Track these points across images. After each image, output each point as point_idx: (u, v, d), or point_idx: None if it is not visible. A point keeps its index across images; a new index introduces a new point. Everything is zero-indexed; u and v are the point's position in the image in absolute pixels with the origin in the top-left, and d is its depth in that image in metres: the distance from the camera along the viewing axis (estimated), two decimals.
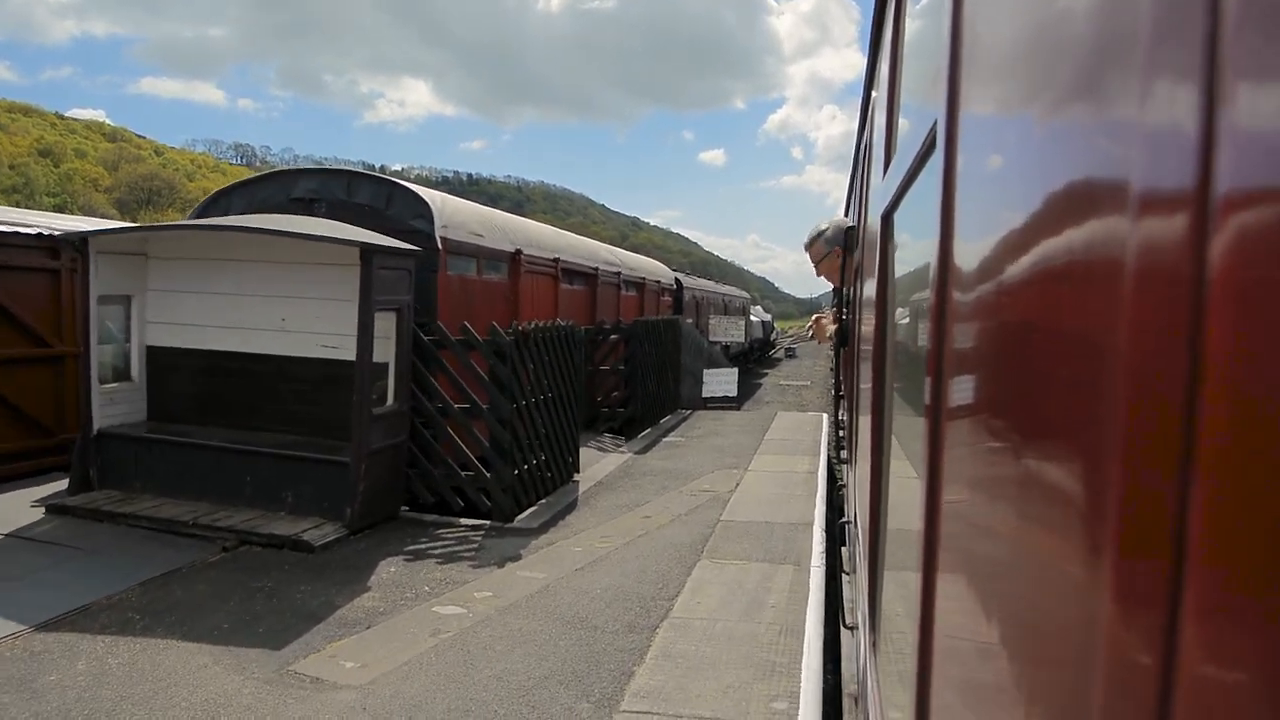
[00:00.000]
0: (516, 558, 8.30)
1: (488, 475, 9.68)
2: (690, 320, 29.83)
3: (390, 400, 9.46)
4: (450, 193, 18.68)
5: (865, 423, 3.12)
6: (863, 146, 5.43)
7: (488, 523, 9.60)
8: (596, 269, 17.70)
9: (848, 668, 5.51)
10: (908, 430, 1.83)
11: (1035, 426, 0.73)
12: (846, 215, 8.33)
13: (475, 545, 8.74)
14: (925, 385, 1.27)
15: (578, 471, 12.05)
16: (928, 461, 1.20)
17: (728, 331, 29.62)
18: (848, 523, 5.60)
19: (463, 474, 9.75)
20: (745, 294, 50.78)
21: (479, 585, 7.46)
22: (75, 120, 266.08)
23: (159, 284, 10.68)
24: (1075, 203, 0.62)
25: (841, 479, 10.02)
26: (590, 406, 15.95)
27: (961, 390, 1.05)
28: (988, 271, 0.89)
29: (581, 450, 13.58)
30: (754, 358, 50.90)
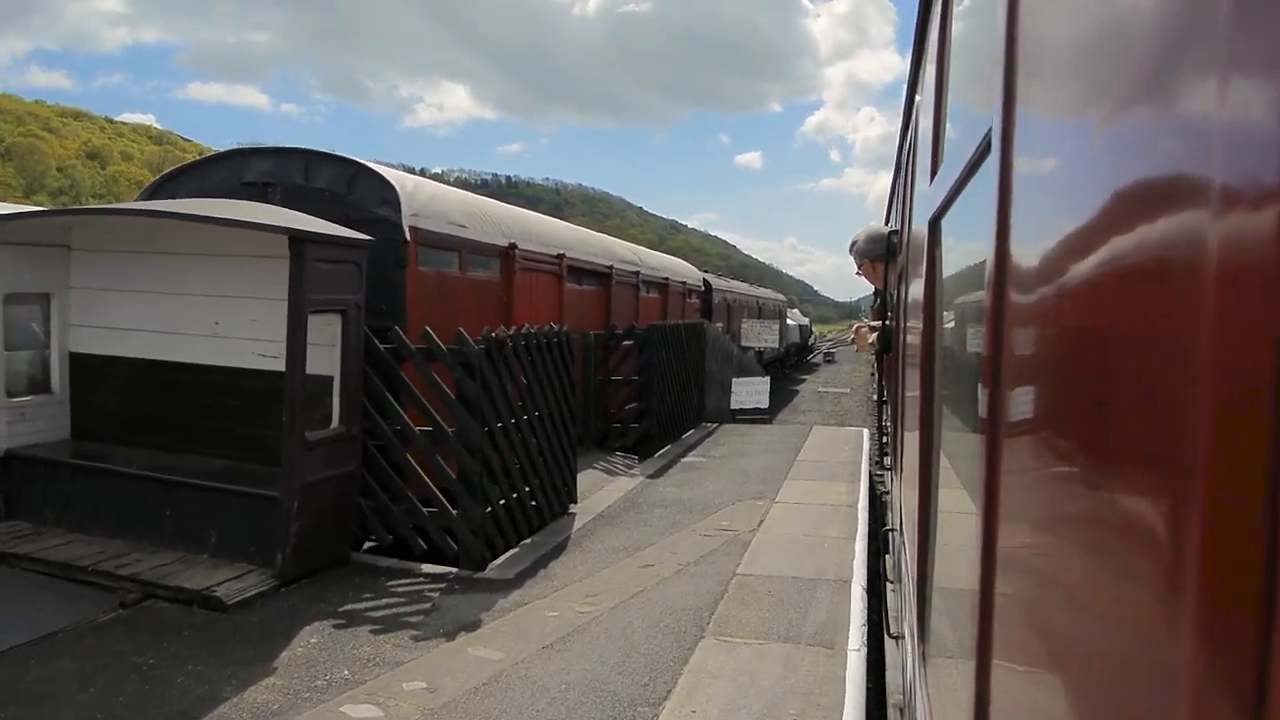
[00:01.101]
0: (474, 625, 6.59)
1: (453, 513, 7.99)
2: (720, 324, 28.02)
3: (335, 422, 7.80)
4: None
5: (912, 430, 3.06)
6: (906, 151, 5.23)
7: (454, 570, 7.91)
8: (611, 267, 15.97)
9: (892, 677, 5.13)
10: (959, 438, 1.80)
11: (1103, 436, 0.71)
12: (888, 220, 8.19)
13: (428, 605, 7.03)
14: (979, 392, 1.27)
15: (574, 502, 10.32)
16: (984, 471, 1.15)
17: (760, 336, 27.71)
18: (892, 531, 5.43)
19: (425, 511, 8.06)
20: (781, 296, 48.77)
21: (412, 670, 5.74)
22: (124, 124, 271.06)
23: (83, 280, 9.15)
24: (1148, 203, 0.60)
25: (884, 487, 9.29)
26: (601, 422, 14.24)
27: (1020, 397, 1.02)
28: (1051, 277, 0.86)
29: (585, 473, 11.89)
30: (790, 363, 48.89)
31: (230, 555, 7.58)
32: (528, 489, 9.01)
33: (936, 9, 2.67)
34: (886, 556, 6.43)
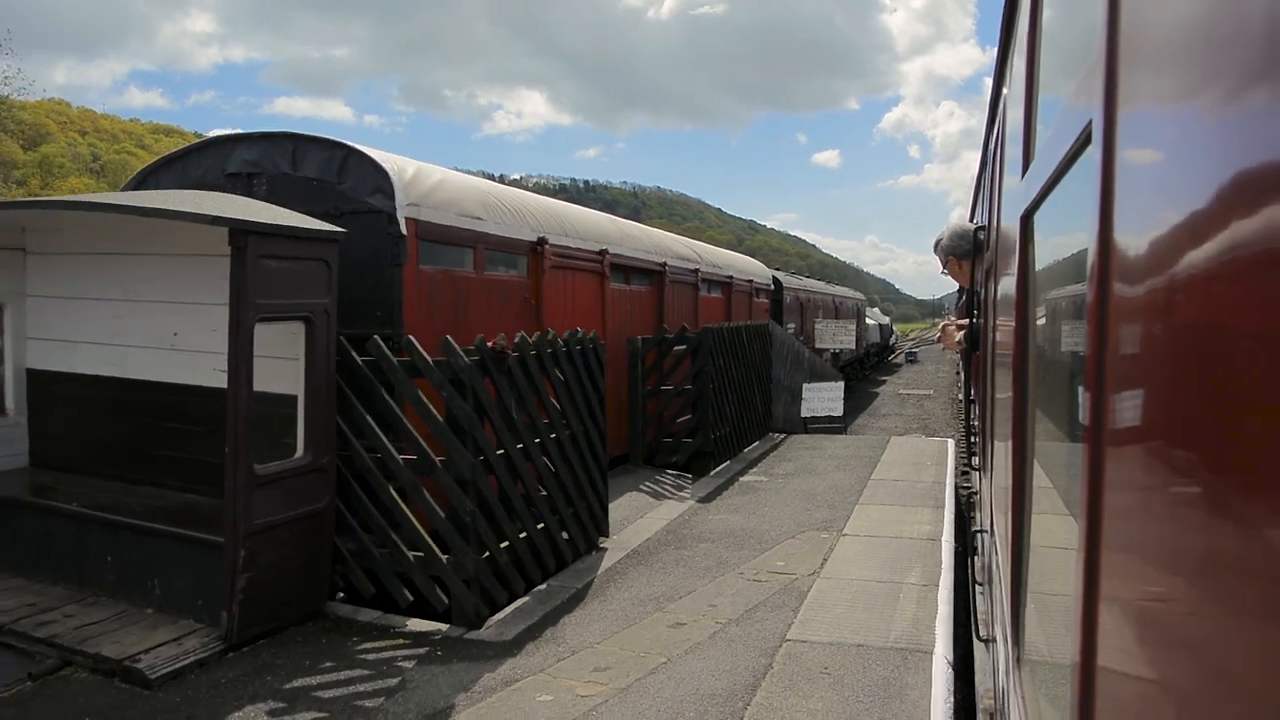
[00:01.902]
0: (444, 713, 5.18)
1: (443, 560, 6.61)
2: (792, 326, 26.27)
3: (300, 450, 6.49)
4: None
5: (1003, 429, 3.02)
6: (992, 146, 5.14)
7: (443, 629, 6.53)
8: (664, 265, 14.46)
9: (981, 681, 4.93)
10: (1054, 438, 1.81)
11: (1215, 438, 0.68)
12: (973, 217, 7.91)
13: (396, 680, 5.65)
14: (1080, 391, 1.24)
15: (605, 535, 8.86)
16: (1088, 474, 1.11)
17: (836, 338, 25.85)
18: (982, 532, 5.35)
19: (411, 556, 6.71)
20: (860, 295, 46.50)
21: None
22: None
23: (41, 288, 8.08)
24: (1265, 192, 0.56)
25: (972, 486, 8.88)
26: (650, 437, 12.75)
27: (1126, 397, 0.99)
28: (1159, 271, 0.83)
29: (626, 497, 10.45)
30: (871, 364, 46.62)
31: (175, 611, 6.36)
32: (542, 526, 7.58)
33: (1024, 1, 2.65)
34: (975, 558, 6.28)
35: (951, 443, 15.10)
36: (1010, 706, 2.44)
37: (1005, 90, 3.83)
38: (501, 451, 7.00)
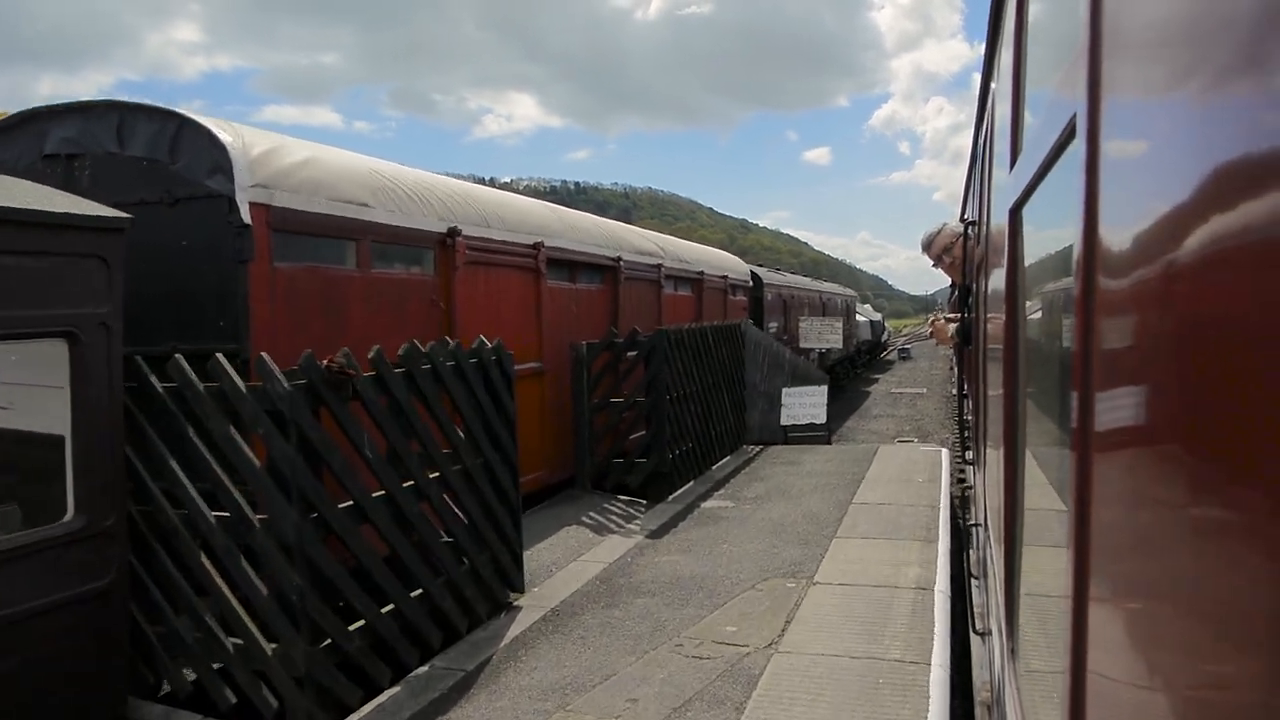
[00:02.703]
0: None
1: (268, 651, 4.96)
2: (774, 325, 24.63)
3: (70, 511, 4.83)
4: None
5: (995, 423, 3.02)
6: (981, 140, 4.95)
7: None
8: (618, 259, 12.80)
9: (979, 675, 4.65)
10: (1045, 430, 1.83)
11: (1201, 429, 0.69)
12: (964, 211, 7.85)
13: None
14: (1068, 383, 1.24)
15: (519, 590, 7.20)
16: (1076, 466, 1.12)
17: (822, 337, 24.13)
18: (976, 525, 5.21)
19: (229, 643, 5.06)
20: (850, 291, 44.86)
21: None
22: None
23: None
24: (1250, 183, 0.56)
25: (968, 482, 8.54)
26: (598, 457, 11.11)
27: (1112, 388, 1.00)
28: (1145, 263, 0.83)
29: (564, 532, 8.88)
30: (862, 362, 45.04)
31: None
32: (420, 592, 5.93)
33: None
34: (970, 552, 6.12)
35: (945, 452, 13.46)
36: (1006, 698, 2.43)
37: (993, 84, 3.82)
38: (353, 504, 5.35)
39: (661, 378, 10.76)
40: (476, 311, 9.23)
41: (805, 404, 16.50)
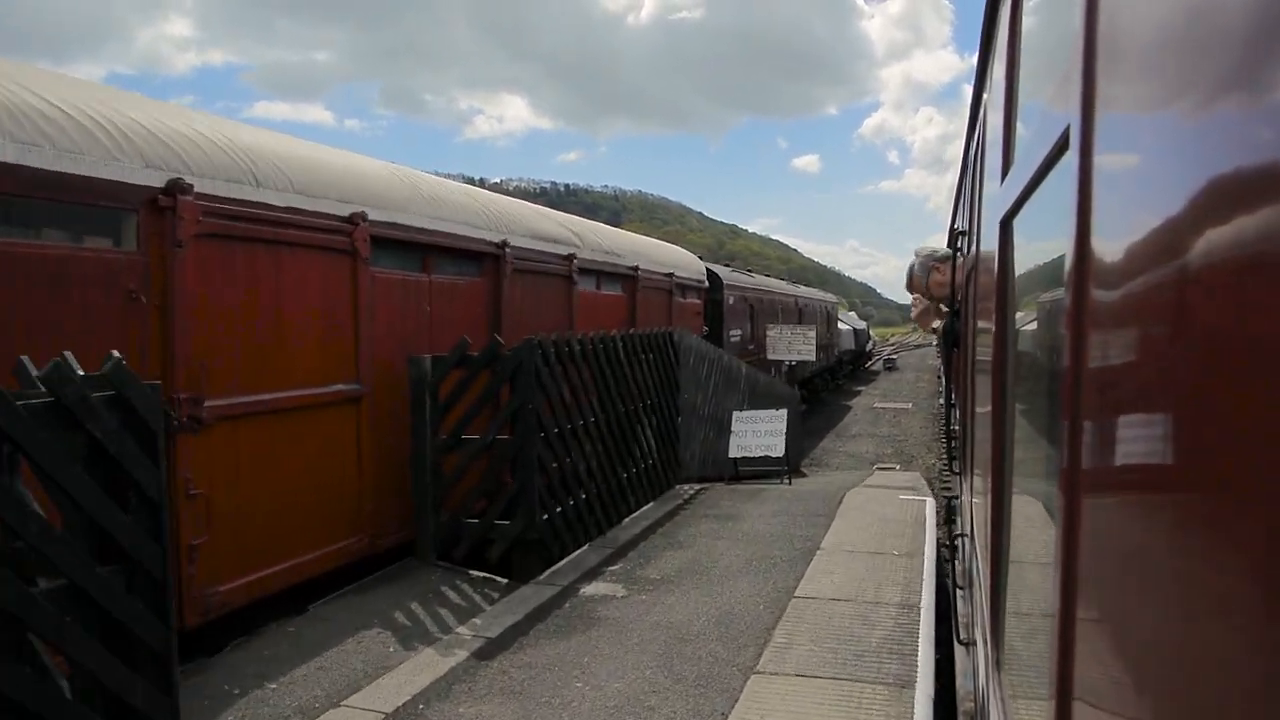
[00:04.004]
0: None
1: None
2: (737, 333, 21.55)
3: None
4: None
5: (983, 434, 3.03)
6: (973, 151, 5.08)
7: None
8: (503, 244, 9.65)
9: (962, 684, 4.58)
10: (1032, 442, 1.82)
11: (1188, 440, 0.70)
12: (954, 221, 7.67)
13: None
14: (1056, 393, 1.27)
15: None
16: (1065, 477, 1.12)
17: (793, 347, 20.95)
18: (962, 536, 5.13)
19: None
20: (831, 297, 41.79)
21: None
22: None
23: None
24: (1241, 198, 0.57)
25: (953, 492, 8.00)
26: (445, 513, 7.97)
27: (1102, 402, 1.00)
28: (1135, 275, 0.85)
29: (360, 638, 6.01)
30: (844, 373, 42.05)
31: None
32: None
33: (1006, 6, 2.62)
34: (956, 562, 6.06)
35: (930, 504, 10.37)
36: (990, 708, 2.44)
37: (985, 96, 3.83)
38: None
39: (531, 406, 7.63)
40: (224, 312, 6.10)
41: (760, 431, 13.38)
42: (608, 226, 14.41)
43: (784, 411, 13.55)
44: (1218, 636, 0.60)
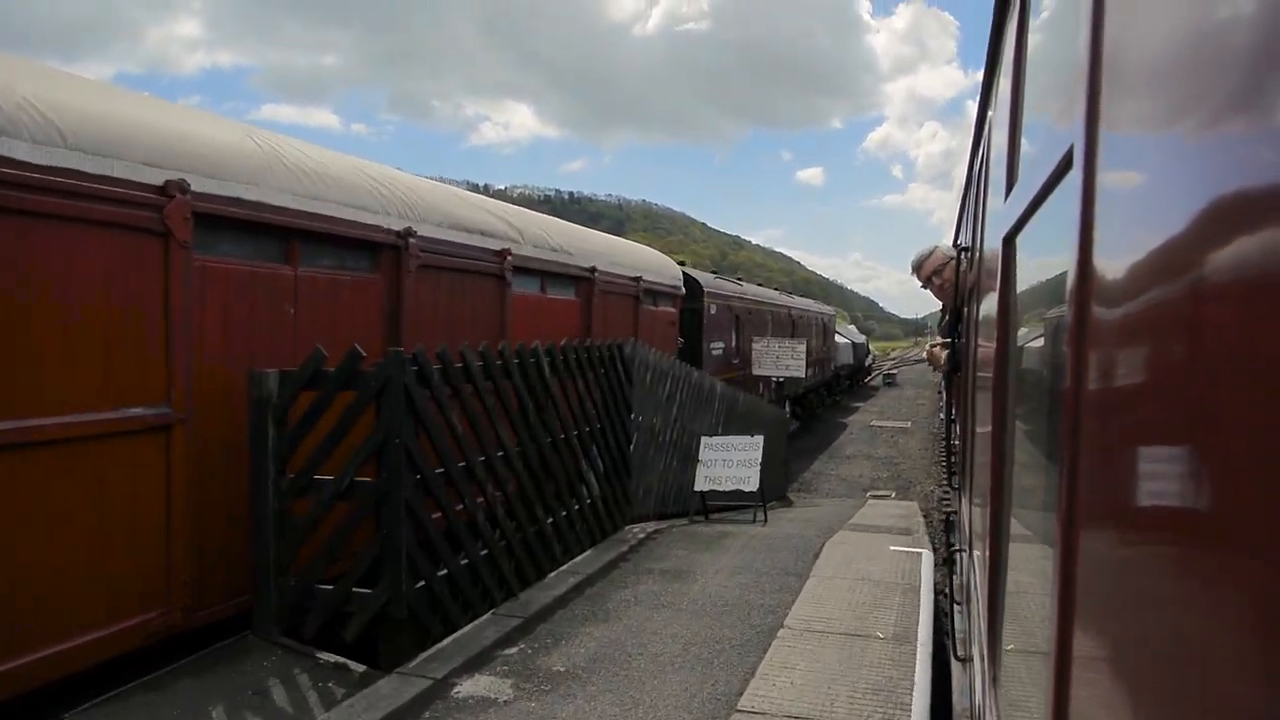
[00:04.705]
0: None
1: None
2: (719, 346, 19.71)
3: None
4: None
5: (982, 449, 3.02)
6: (977, 167, 4.93)
7: None
8: (407, 233, 7.86)
9: (959, 701, 4.42)
10: (1032, 458, 1.81)
11: (1190, 458, 0.68)
12: (957, 235, 7.56)
13: None
14: (1056, 411, 1.26)
15: None
16: (1064, 495, 1.12)
17: (780, 362, 19.10)
18: (959, 550, 5.08)
19: None
20: (828, 309, 39.92)
21: None
22: None
23: None
24: (1245, 218, 0.57)
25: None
26: (291, 578, 6.13)
27: (1102, 420, 0.99)
28: (1138, 294, 0.84)
29: None
30: (842, 389, 40.19)
31: None
32: None
33: (1012, 23, 2.59)
34: (953, 577, 6.06)
35: (927, 560, 8.51)
36: None
37: (990, 112, 3.80)
38: None
39: (399, 441, 5.77)
40: None
41: (732, 461, 11.55)
42: (557, 219, 12.54)
43: (760, 438, 11.69)
44: (1215, 656, 0.59)
